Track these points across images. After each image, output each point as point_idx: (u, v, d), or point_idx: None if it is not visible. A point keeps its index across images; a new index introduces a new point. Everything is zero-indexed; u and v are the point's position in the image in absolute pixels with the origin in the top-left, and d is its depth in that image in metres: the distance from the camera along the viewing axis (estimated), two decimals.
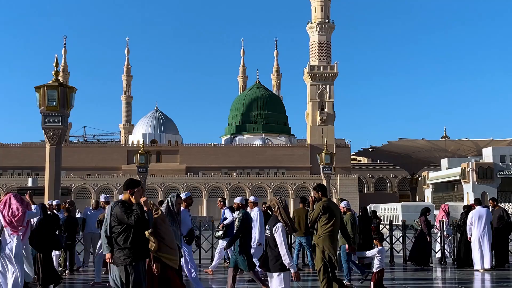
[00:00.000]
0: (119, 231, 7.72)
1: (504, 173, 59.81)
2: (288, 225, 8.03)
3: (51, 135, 22.63)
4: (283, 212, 8.11)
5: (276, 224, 7.99)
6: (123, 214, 7.67)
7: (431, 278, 15.12)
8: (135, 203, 7.77)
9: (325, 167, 52.18)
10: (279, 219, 8.06)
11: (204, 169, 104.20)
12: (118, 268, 7.73)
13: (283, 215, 8.08)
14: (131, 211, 7.69)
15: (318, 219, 9.65)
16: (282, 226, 7.97)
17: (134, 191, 7.84)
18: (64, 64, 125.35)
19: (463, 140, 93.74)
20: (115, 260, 7.73)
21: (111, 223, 7.81)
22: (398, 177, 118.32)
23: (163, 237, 8.85)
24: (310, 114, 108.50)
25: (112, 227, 7.78)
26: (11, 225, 9.99)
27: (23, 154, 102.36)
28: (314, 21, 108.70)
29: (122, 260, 7.69)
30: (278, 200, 8.23)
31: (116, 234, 7.73)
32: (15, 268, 9.91)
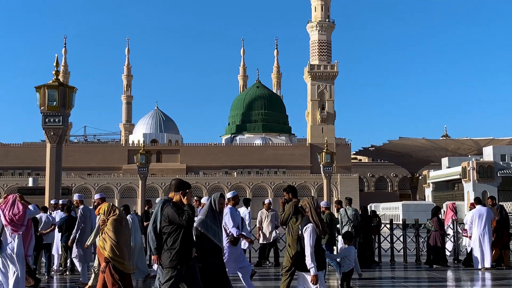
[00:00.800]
0: (169, 232, 7.65)
1: (504, 172, 59.78)
2: (319, 226, 8.06)
3: (51, 135, 22.63)
4: (315, 213, 8.14)
5: (307, 225, 8.03)
6: (175, 214, 7.58)
7: (432, 278, 15.12)
8: (187, 204, 7.73)
9: (326, 167, 52.12)
10: (310, 220, 8.08)
11: (204, 168, 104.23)
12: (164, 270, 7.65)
13: (314, 217, 8.11)
14: (182, 211, 7.62)
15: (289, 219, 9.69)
16: (313, 227, 8.00)
17: (186, 192, 7.80)
18: (65, 64, 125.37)
19: (463, 139, 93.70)
20: (163, 262, 7.65)
21: (161, 223, 7.75)
22: (398, 176, 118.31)
23: (116, 239, 8.87)
24: (310, 113, 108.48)
25: (163, 228, 7.71)
26: (11, 223, 10.00)
27: (23, 154, 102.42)
28: (314, 21, 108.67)
29: (168, 262, 7.59)
30: (310, 201, 8.28)
31: (166, 235, 7.66)
32: (16, 268, 9.92)
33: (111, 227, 8.94)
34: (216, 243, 8.73)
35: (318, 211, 8.23)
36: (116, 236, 8.90)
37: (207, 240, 8.64)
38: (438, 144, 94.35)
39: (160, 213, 7.90)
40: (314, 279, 7.86)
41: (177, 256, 7.62)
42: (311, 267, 7.85)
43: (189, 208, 7.71)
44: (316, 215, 8.12)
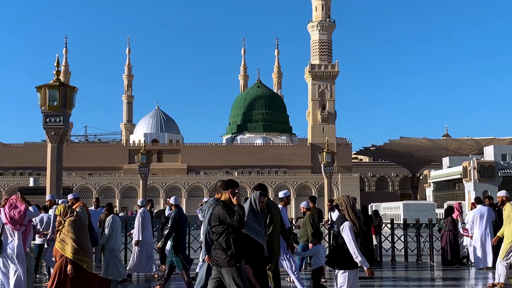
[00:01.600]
0: (220, 232, 7.58)
1: (505, 171, 59.77)
2: (356, 224, 8.08)
3: (52, 135, 22.64)
4: (351, 211, 8.15)
5: (344, 223, 8.04)
6: (225, 214, 7.50)
7: (433, 277, 15.12)
8: (237, 204, 7.66)
9: (326, 166, 52.17)
10: (346, 217, 8.10)
11: (205, 168, 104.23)
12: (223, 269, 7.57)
13: (350, 214, 8.12)
14: (233, 211, 7.55)
15: None
16: (350, 225, 8.02)
17: (236, 192, 7.76)
18: (65, 64, 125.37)
19: (464, 139, 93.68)
20: (218, 262, 7.57)
21: (210, 223, 7.71)
22: (399, 176, 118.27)
23: (78, 239, 8.88)
24: (311, 113, 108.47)
25: (212, 227, 7.66)
26: (11, 222, 10.02)
27: (24, 154, 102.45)
28: (315, 20, 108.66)
29: (226, 262, 7.52)
30: (345, 199, 8.28)
31: (217, 235, 7.60)
32: (17, 268, 9.93)
33: (71, 228, 8.95)
34: (261, 243, 8.71)
35: (354, 208, 8.24)
36: (78, 236, 8.92)
37: (250, 241, 8.56)
38: (439, 143, 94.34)
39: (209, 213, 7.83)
40: (369, 271, 7.94)
41: (232, 256, 7.57)
42: (362, 262, 7.90)
43: (239, 208, 7.64)
44: (353, 213, 8.15)
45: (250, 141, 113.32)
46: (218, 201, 7.83)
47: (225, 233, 7.55)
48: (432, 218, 21.17)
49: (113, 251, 13.79)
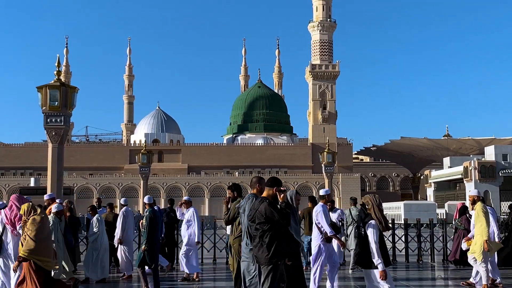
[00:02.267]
0: (266, 229, 7.50)
1: (506, 171, 59.67)
2: (382, 223, 8.09)
3: (53, 135, 22.63)
4: (377, 210, 8.17)
5: (369, 222, 8.09)
6: (273, 212, 7.46)
7: (433, 277, 15.11)
8: (282, 202, 7.64)
9: (327, 166, 52.16)
10: (372, 216, 8.12)
11: (206, 168, 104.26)
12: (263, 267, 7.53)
13: (377, 213, 8.14)
14: (280, 209, 7.54)
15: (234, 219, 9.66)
16: (375, 224, 8.03)
17: (283, 190, 7.73)
18: (66, 64, 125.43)
19: (465, 139, 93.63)
20: (260, 259, 7.51)
21: (254, 220, 7.62)
22: (400, 176, 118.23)
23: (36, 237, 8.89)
24: (312, 113, 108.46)
25: (257, 224, 7.57)
26: (11, 223, 10.06)
27: (25, 154, 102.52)
28: (315, 20, 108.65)
29: (267, 259, 7.45)
30: (372, 198, 8.30)
31: (262, 232, 7.52)
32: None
33: (30, 226, 8.96)
34: (298, 241, 8.74)
35: (381, 207, 8.24)
36: (36, 234, 8.91)
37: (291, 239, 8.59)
38: (439, 143, 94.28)
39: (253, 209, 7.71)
40: (383, 274, 7.93)
41: (275, 253, 7.50)
42: (378, 263, 7.90)
43: (286, 206, 7.63)
44: (379, 212, 8.15)
45: (251, 141, 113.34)
46: (262, 198, 7.73)
47: (271, 231, 7.48)
48: (433, 218, 21.14)
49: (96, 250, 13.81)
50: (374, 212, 8.13)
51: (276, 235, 7.47)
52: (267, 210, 7.47)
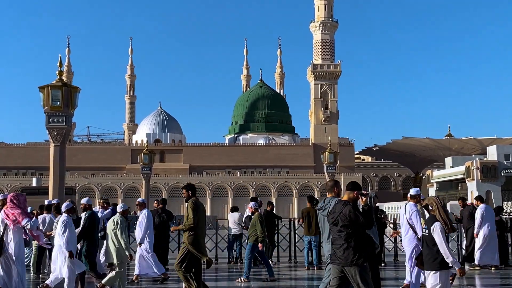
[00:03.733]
0: (350, 232, 7.63)
1: (508, 171, 59.54)
2: (447, 224, 8.09)
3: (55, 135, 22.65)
4: (442, 211, 8.18)
5: (434, 223, 8.07)
6: (357, 215, 7.61)
7: None
8: (365, 204, 7.78)
9: (329, 166, 52.12)
10: (437, 218, 8.13)
11: (207, 168, 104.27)
12: (350, 268, 7.65)
13: (442, 214, 8.15)
14: (363, 211, 7.70)
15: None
16: (440, 226, 8.04)
17: (364, 193, 7.87)
18: (68, 64, 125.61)
19: (467, 139, 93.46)
20: (345, 261, 7.64)
21: (337, 223, 7.74)
22: (402, 175, 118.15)
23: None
24: (313, 113, 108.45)
25: (341, 227, 7.69)
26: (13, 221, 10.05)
27: (27, 154, 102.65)
28: (317, 20, 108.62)
29: (353, 261, 7.59)
30: (436, 199, 8.31)
31: (347, 235, 7.64)
32: (19, 268, 9.95)
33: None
34: (376, 242, 8.87)
35: (445, 209, 8.28)
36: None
37: (371, 241, 8.76)
38: (441, 143, 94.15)
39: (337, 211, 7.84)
40: (461, 272, 8.02)
41: (361, 255, 7.68)
42: (453, 263, 7.93)
43: (368, 208, 7.79)
44: (444, 213, 8.17)
45: (253, 141, 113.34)
46: (345, 202, 7.84)
47: (356, 233, 7.63)
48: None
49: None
50: (439, 213, 8.15)
51: (360, 237, 7.68)
52: (352, 213, 7.62)
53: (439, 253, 7.94)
